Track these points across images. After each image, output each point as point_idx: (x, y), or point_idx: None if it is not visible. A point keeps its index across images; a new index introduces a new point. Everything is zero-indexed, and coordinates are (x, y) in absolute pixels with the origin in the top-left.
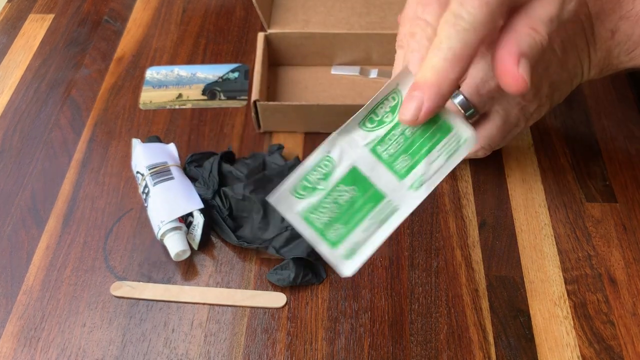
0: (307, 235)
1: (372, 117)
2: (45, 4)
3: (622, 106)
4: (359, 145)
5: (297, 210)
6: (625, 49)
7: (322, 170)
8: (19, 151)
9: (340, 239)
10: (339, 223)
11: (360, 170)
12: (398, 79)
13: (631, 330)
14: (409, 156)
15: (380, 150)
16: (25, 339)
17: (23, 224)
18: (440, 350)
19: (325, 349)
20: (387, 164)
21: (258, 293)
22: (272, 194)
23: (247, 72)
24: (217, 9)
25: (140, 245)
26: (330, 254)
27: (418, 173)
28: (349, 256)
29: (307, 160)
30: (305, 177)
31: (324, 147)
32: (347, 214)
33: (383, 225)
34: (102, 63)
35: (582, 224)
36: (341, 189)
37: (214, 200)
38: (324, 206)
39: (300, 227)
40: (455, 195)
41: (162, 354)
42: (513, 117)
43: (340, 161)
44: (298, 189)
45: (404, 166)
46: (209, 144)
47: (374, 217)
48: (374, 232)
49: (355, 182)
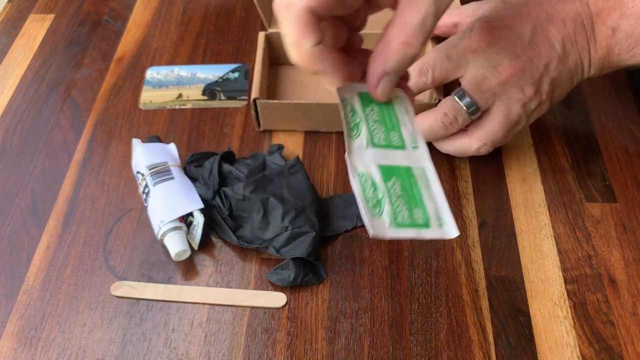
0: (412, 236)
1: (351, 128)
2: (46, 4)
3: (622, 106)
4: (364, 150)
5: (388, 224)
6: (625, 47)
7: (369, 185)
8: (19, 151)
9: (426, 217)
10: (414, 207)
11: (383, 164)
12: (340, 94)
13: (631, 330)
14: (392, 131)
15: (376, 141)
16: (26, 339)
17: (23, 224)
18: (440, 350)
19: (325, 348)
20: (387, 145)
21: (258, 293)
22: (370, 230)
23: (247, 72)
24: (217, 9)
25: (140, 245)
26: (433, 232)
27: (406, 135)
28: (442, 223)
29: (355, 191)
30: (366, 199)
31: (351, 172)
32: (410, 197)
33: (430, 184)
34: (102, 63)
35: (582, 224)
36: (390, 185)
37: (214, 200)
38: (395, 205)
39: (403, 235)
40: (455, 195)
41: (162, 354)
42: (514, 114)
43: (370, 170)
44: (373, 211)
45: (397, 139)
46: (209, 144)
47: (422, 185)
48: (433, 193)
49: (391, 173)
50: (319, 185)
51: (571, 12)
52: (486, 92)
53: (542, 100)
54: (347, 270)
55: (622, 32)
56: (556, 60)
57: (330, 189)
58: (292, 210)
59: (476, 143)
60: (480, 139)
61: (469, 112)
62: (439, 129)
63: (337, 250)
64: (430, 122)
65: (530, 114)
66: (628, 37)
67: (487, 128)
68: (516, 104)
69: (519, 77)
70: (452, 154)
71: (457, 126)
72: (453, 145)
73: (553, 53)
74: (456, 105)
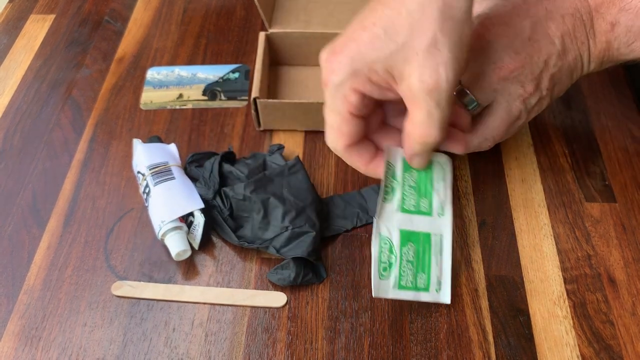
0: (410, 298)
1: (387, 191)
2: (46, 4)
3: (621, 106)
4: (393, 214)
5: (391, 286)
6: (625, 41)
7: (386, 248)
8: (20, 151)
9: (428, 282)
10: (420, 272)
11: (405, 229)
12: (387, 158)
13: (630, 330)
14: (423, 197)
15: (406, 206)
16: (27, 339)
17: (24, 224)
18: (440, 350)
19: (325, 348)
20: (416, 212)
21: (258, 293)
22: (373, 291)
23: (248, 72)
24: (218, 9)
25: (141, 245)
26: (429, 296)
27: (435, 203)
28: (439, 288)
29: (372, 252)
30: (379, 262)
31: (375, 233)
32: (420, 263)
33: (442, 253)
34: (103, 63)
35: (581, 224)
36: (405, 251)
37: (214, 201)
38: (403, 270)
39: (403, 297)
40: (455, 195)
41: (162, 354)
42: (515, 110)
43: (392, 234)
44: (381, 272)
45: (426, 205)
46: (210, 144)
47: (434, 252)
48: (441, 261)
49: (409, 239)
50: (319, 185)
51: (570, 8)
52: (486, 89)
53: (542, 96)
54: (347, 270)
55: (622, 27)
56: (556, 56)
57: (331, 189)
58: (292, 210)
59: (477, 139)
60: (481, 135)
61: (470, 109)
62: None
63: (337, 250)
64: None
65: (530, 110)
66: (627, 32)
67: (488, 124)
68: (517, 100)
69: (519, 73)
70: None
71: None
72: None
73: (553, 49)
74: (457, 103)
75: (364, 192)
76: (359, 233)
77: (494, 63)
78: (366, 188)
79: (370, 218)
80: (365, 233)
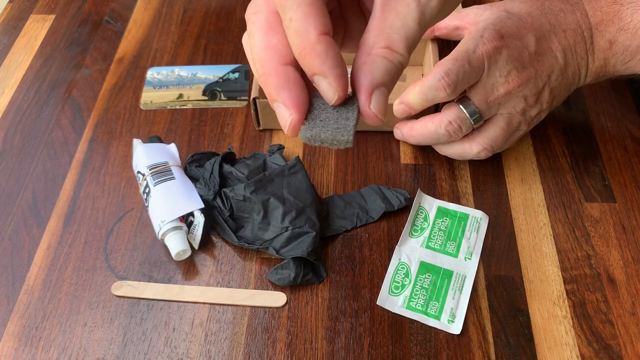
0: (417, 319)
1: (415, 228)
2: (46, 4)
3: (621, 106)
4: (417, 248)
5: (398, 304)
6: (621, 59)
7: (402, 271)
8: (20, 151)
9: (440, 311)
10: (433, 300)
11: (426, 261)
12: (421, 203)
13: (630, 330)
14: (452, 241)
15: (431, 244)
16: (27, 339)
17: (24, 224)
18: (440, 350)
19: (325, 348)
20: (441, 251)
21: (258, 292)
22: (379, 301)
23: (248, 72)
24: (218, 9)
25: (141, 245)
26: (438, 324)
27: (464, 247)
28: (453, 321)
29: (388, 270)
30: (393, 279)
31: (395, 257)
32: (436, 293)
33: (462, 289)
34: (103, 63)
35: (581, 224)
36: (421, 278)
37: (215, 201)
38: (415, 293)
39: (409, 316)
40: (455, 195)
41: (162, 353)
42: (515, 121)
43: (410, 262)
44: (392, 289)
45: (453, 248)
46: (210, 144)
47: (453, 287)
48: (459, 296)
49: (428, 270)
50: (319, 185)
51: (572, 24)
52: (492, 103)
53: (542, 109)
54: (347, 269)
55: (619, 45)
56: (558, 70)
57: (330, 189)
58: (292, 211)
59: (476, 147)
60: (480, 143)
61: (473, 120)
62: (442, 136)
63: (337, 250)
64: (434, 128)
65: (530, 121)
66: (624, 51)
67: (489, 134)
68: (518, 112)
69: (523, 87)
70: (451, 157)
71: (460, 134)
72: (453, 149)
73: (555, 64)
74: (461, 114)
75: (364, 192)
76: (358, 233)
77: (504, 77)
78: (366, 188)
79: (370, 218)
80: (365, 233)
